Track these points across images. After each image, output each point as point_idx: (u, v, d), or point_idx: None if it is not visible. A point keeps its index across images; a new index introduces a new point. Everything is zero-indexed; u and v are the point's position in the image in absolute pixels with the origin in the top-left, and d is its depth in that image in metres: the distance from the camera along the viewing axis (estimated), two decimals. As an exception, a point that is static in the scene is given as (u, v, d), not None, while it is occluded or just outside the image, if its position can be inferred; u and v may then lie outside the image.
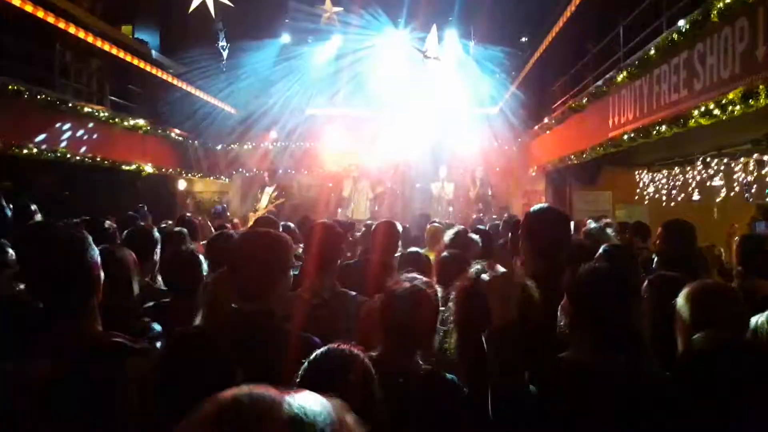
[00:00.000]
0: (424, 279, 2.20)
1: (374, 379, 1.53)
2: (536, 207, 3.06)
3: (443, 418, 1.95)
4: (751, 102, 4.70)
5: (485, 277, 2.20)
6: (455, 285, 2.35)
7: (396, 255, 4.25)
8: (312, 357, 1.54)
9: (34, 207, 4.99)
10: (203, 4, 10.04)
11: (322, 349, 1.57)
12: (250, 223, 9.56)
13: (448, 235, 4.42)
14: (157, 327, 2.41)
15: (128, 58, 10.53)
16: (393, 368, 1.89)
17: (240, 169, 15.26)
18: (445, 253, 4.10)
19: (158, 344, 2.14)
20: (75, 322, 1.80)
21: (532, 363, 1.88)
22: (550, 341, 2.04)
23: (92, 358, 1.73)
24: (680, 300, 2.14)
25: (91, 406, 1.68)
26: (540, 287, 2.24)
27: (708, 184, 8.35)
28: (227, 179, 15.27)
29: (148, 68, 11.23)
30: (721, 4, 5.16)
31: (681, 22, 5.94)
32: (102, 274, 1.89)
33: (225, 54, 13.32)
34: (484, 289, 2.06)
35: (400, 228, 4.75)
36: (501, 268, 2.41)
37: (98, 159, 9.37)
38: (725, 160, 7.96)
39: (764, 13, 4.66)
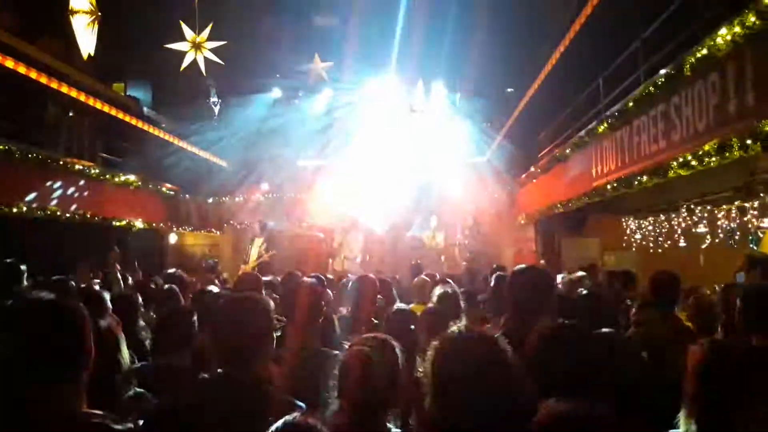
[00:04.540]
0: (379, 337, 2.20)
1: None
2: (519, 268, 3.16)
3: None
4: (726, 154, 4.82)
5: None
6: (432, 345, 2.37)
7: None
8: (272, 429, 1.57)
9: (23, 267, 4.96)
10: (194, 62, 10.25)
11: (278, 423, 1.60)
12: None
13: (435, 292, 4.46)
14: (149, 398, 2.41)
15: (120, 116, 10.69)
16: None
17: (231, 222, 15.31)
18: (430, 307, 4.16)
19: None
20: (59, 402, 1.77)
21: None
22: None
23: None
24: None
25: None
26: (515, 346, 2.28)
27: (693, 230, 8.45)
28: (219, 232, 15.31)
29: (139, 125, 11.40)
30: (693, 59, 5.33)
31: (657, 75, 6.12)
32: (92, 350, 1.87)
33: (216, 109, 13.55)
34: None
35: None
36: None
37: (89, 216, 9.41)
38: (708, 207, 8.07)
39: (734, 68, 4.82)
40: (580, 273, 6.39)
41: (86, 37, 6.88)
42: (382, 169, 14.32)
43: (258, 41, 12.21)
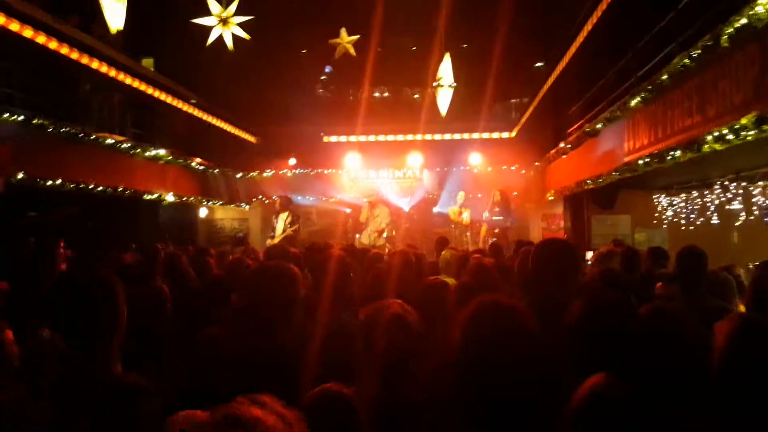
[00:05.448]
0: (396, 302, 2.18)
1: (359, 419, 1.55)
2: (544, 241, 3.15)
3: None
4: (764, 127, 4.68)
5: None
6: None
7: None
8: (307, 398, 1.58)
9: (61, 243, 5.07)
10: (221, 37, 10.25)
11: (316, 390, 1.61)
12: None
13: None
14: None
15: (149, 91, 10.79)
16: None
17: (260, 197, 15.44)
18: (463, 280, 4.15)
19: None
20: (95, 365, 1.88)
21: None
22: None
23: (107, 399, 1.79)
24: None
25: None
26: (542, 318, 2.26)
27: (727, 207, 8.27)
28: (248, 206, 15.46)
29: (169, 99, 11.49)
30: (731, 29, 5.16)
31: (692, 47, 5.95)
32: (125, 317, 1.97)
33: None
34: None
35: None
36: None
37: (120, 189, 9.55)
38: (743, 184, 7.88)
39: (774, 39, 4.66)
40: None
41: (115, 12, 6.92)
42: (410, 142, 14.29)
43: (284, 16, 12.17)
